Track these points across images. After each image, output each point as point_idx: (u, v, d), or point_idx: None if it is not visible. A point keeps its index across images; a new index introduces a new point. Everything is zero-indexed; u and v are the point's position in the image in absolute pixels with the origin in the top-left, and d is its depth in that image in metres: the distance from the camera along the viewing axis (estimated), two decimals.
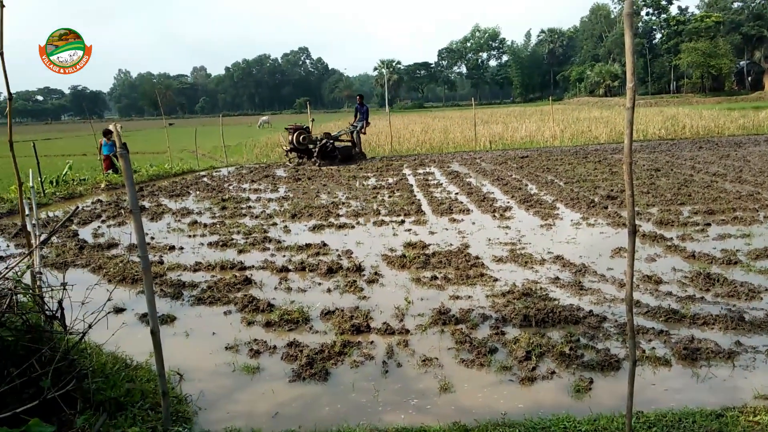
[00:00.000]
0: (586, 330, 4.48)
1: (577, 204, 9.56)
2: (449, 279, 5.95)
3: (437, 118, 44.60)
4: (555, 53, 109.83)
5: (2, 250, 8.03)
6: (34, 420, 2.38)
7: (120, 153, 2.60)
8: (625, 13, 2.24)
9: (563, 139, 23.37)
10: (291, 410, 3.53)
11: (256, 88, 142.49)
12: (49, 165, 17.62)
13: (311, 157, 18.10)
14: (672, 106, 48.58)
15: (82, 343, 3.38)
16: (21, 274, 3.35)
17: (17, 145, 4.23)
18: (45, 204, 12.15)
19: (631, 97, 2.27)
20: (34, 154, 13.69)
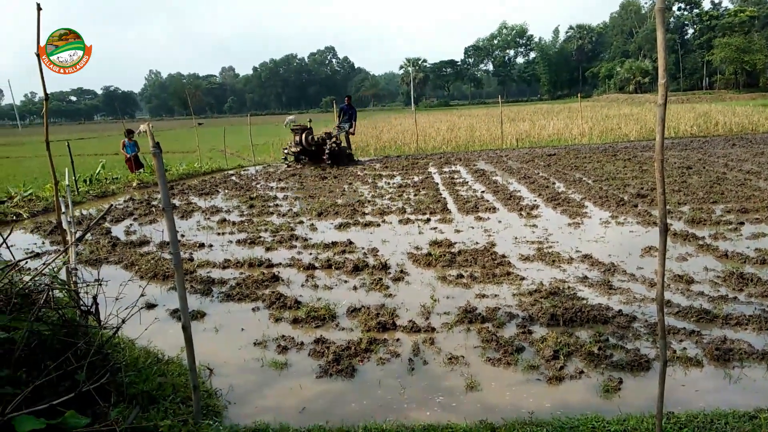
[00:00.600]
0: (615, 330, 4.43)
1: (606, 202, 9.43)
2: (475, 277, 5.93)
3: (463, 116, 44.35)
4: (584, 50, 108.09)
5: (38, 247, 8.26)
6: (70, 412, 2.44)
7: (153, 152, 2.66)
8: (657, 8, 2.21)
9: (592, 136, 23.02)
10: (318, 406, 3.57)
11: (283, 87, 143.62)
12: (83, 164, 18.06)
13: (313, 157, 17.38)
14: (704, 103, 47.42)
15: (115, 338, 3.47)
16: (57, 271, 3.45)
17: (52, 145, 4.35)
18: (79, 202, 12.47)
19: (663, 93, 2.23)
20: (69, 153, 14.04)
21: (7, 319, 2.88)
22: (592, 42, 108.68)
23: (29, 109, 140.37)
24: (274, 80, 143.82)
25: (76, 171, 14.45)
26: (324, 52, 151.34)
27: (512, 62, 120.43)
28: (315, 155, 17.25)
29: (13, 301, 3.00)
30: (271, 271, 6.42)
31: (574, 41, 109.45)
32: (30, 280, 3.27)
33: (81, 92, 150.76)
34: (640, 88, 78.21)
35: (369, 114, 75.14)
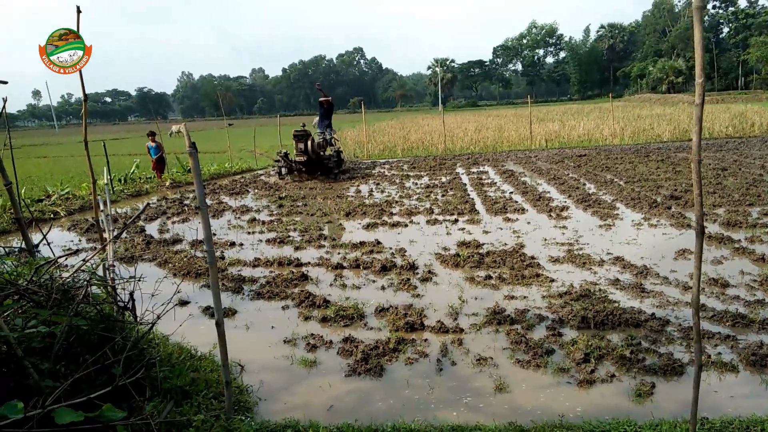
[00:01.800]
0: (647, 333, 4.35)
1: (639, 204, 9.27)
2: (504, 279, 5.90)
3: (491, 117, 44.05)
4: (615, 49, 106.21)
5: (75, 244, 8.49)
6: (107, 405, 2.50)
7: (189, 152, 2.72)
8: (694, 7, 2.17)
9: (623, 137, 22.63)
10: (346, 404, 3.59)
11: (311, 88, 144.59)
12: (117, 164, 18.49)
13: (313, 169, 14.84)
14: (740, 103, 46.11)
15: (150, 333, 3.56)
16: (95, 267, 3.55)
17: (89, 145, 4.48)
18: (114, 201, 12.79)
19: (700, 93, 2.20)
20: (105, 153, 14.40)
21: (48, 314, 2.97)
22: (623, 41, 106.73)
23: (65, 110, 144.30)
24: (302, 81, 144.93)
25: (111, 170, 14.81)
26: (352, 53, 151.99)
27: (541, 62, 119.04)
28: (316, 166, 14.83)
29: (53, 297, 3.09)
30: (300, 270, 6.49)
31: (606, 40, 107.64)
32: (69, 277, 3.37)
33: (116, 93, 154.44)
34: (673, 88, 76.49)
35: (396, 114, 75.16)
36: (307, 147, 14.15)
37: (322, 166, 14.80)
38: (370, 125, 30.65)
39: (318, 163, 14.68)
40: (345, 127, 37.05)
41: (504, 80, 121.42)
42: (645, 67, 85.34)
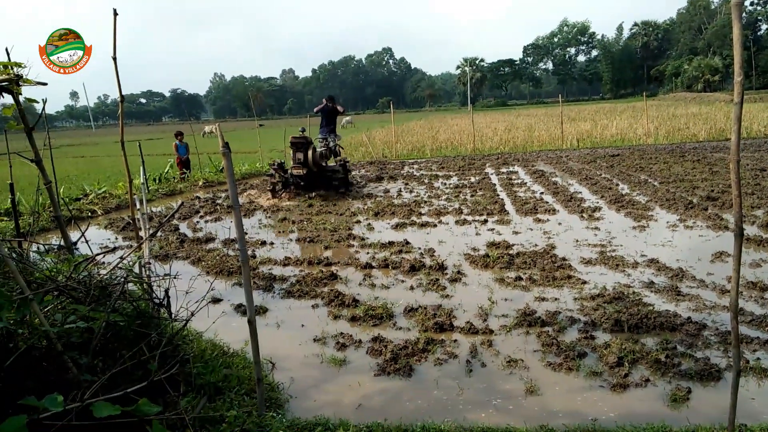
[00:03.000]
0: (683, 337, 4.26)
1: (674, 205, 9.06)
2: (534, 280, 5.83)
3: (521, 116, 43.61)
4: (649, 47, 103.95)
5: (112, 242, 8.71)
6: (143, 400, 2.55)
7: (222, 152, 2.76)
8: (733, 3, 2.12)
9: (658, 136, 22.14)
10: (375, 403, 3.61)
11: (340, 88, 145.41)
12: (152, 163, 18.87)
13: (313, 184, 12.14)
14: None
15: (184, 330, 3.62)
16: (132, 265, 3.63)
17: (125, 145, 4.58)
18: (149, 200, 13.06)
19: (740, 91, 2.14)
20: (140, 153, 14.73)
21: (86, 309, 3.05)
22: (658, 39, 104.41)
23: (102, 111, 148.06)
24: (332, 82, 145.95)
25: (146, 170, 15.13)
26: (381, 53, 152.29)
27: (573, 60, 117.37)
28: (317, 180, 12.22)
29: (92, 293, 3.17)
30: (330, 269, 6.53)
31: (639, 38, 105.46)
32: (107, 274, 3.46)
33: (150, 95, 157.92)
34: (709, 87, 74.48)
35: (425, 114, 75.00)
36: (307, 157, 11.59)
37: (325, 181, 12.30)
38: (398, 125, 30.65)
39: (320, 177, 12.22)
40: (373, 127, 37.14)
41: (534, 79, 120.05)
42: (680, 66, 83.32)
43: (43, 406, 2.12)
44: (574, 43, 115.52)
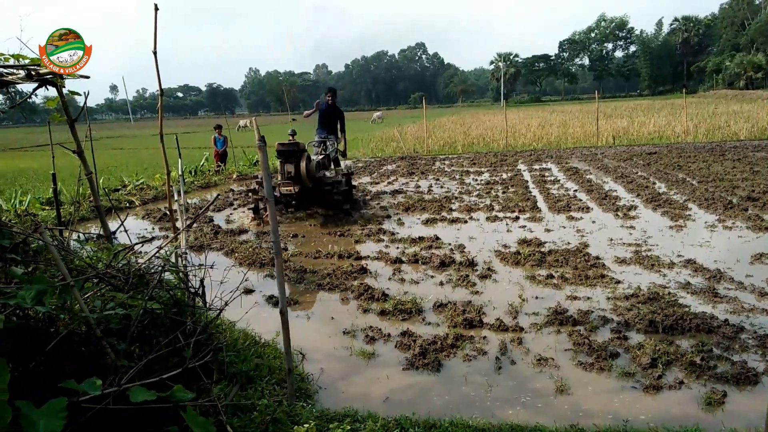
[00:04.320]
0: (720, 340, 4.15)
1: (712, 205, 8.82)
2: (566, 278, 5.76)
3: (555, 112, 42.91)
4: (689, 43, 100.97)
5: (149, 232, 8.92)
6: (178, 386, 2.62)
7: (258, 145, 2.80)
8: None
9: (697, 134, 21.54)
10: (403, 397, 3.62)
11: (373, 84, 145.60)
12: (188, 156, 19.24)
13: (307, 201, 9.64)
14: None
15: (218, 320, 3.70)
16: (169, 254, 3.72)
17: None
18: (185, 192, 13.31)
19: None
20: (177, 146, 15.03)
21: (124, 297, 3.13)
22: (699, 35, 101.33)
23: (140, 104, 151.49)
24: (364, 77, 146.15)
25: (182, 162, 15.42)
26: (414, 48, 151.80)
27: (610, 56, 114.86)
28: (313, 198, 9.63)
29: (130, 281, 3.26)
30: (360, 263, 6.56)
31: (679, 34, 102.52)
32: (145, 263, 3.54)
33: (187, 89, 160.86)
34: (751, 84, 72.03)
35: (457, 110, 74.50)
36: (300, 170, 8.83)
37: (324, 196, 9.51)
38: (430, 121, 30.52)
39: (317, 194, 9.51)
40: (405, 123, 37.06)
41: (570, 75, 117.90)
42: (721, 62, 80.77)
43: (82, 389, 2.19)
44: (612, 38, 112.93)
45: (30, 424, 1.83)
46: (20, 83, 3.28)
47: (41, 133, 50.53)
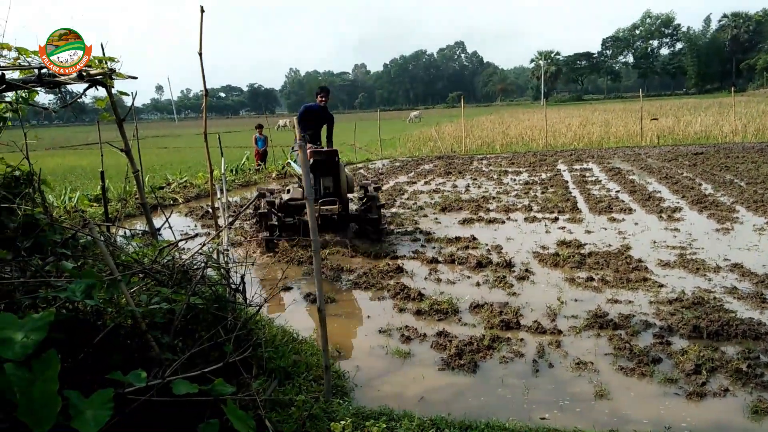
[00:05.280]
0: (767, 347, 4.00)
1: (761, 207, 8.49)
2: (607, 281, 5.64)
3: (597, 111, 41.99)
4: (739, 39, 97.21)
5: (191, 229, 9.15)
6: (219, 380, 2.68)
7: (300, 144, 2.85)
8: None
9: (746, 134, 20.77)
10: (439, 397, 3.62)
11: (411, 83, 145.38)
12: (229, 155, 19.55)
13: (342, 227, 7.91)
14: None
15: (258, 315, 3.77)
16: (211, 251, 3.81)
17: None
18: (227, 190, 13.60)
19: None
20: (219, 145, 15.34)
21: (169, 292, 3.23)
22: (749, 31, 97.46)
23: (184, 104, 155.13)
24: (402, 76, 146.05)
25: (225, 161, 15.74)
26: (453, 47, 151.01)
27: (656, 54, 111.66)
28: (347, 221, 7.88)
29: (174, 277, 3.36)
30: (396, 262, 6.57)
31: (728, 30, 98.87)
32: (188, 259, 3.64)
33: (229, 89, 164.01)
34: None
35: (496, 109, 73.70)
36: (341, 186, 7.39)
37: (359, 222, 7.77)
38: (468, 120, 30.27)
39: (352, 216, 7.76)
40: (443, 122, 36.86)
41: (613, 73, 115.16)
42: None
43: (128, 381, 2.26)
44: (657, 35, 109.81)
45: (78, 413, 1.91)
46: (71, 83, 3.40)
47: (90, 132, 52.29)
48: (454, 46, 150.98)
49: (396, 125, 42.40)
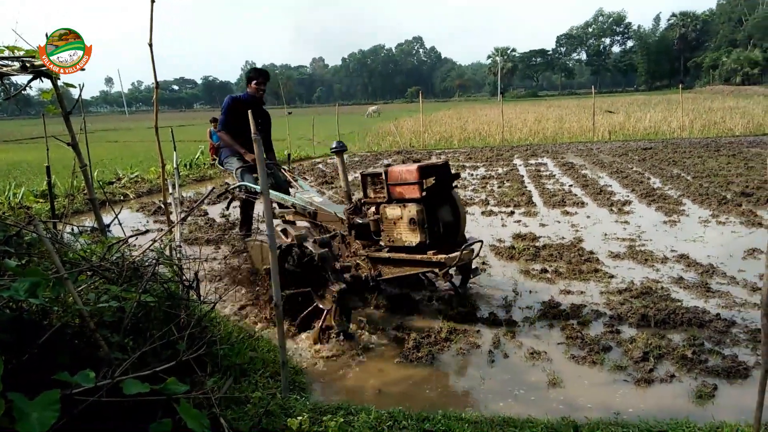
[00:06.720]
0: (711, 334, 4.18)
1: (707, 200, 8.86)
2: (560, 273, 5.78)
3: (552, 107, 42.93)
4: (687, 38, 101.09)
5: (143, 225, 8.90)
6: (171, 379, 2.62)
7: (254, 138, 2.80)
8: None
9: (692, 130, 21.61)
10: (396, 389, 3.64)
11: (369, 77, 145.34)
12: (183, 149, 19.18)
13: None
14: None
15: (212, 313, 3.70)
16: (163, 247, 3.72)
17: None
18: (180, 185, 13.28)
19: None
20: (172, 139, 14.98)
21: (118, 290, 3.13)
22: (696, 30, 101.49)
23: (135, 97, 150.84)
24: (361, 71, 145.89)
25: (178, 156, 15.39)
26: (411, 42, 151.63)
27: (607, 51, 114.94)
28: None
29: (124, 274, 3.26)
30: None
31: (677, 29, 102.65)
32: (139, 255, 3.54)
33: (183, 82, 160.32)
34: (747, 80, 72.22)
35: (454, 104, 74.46)
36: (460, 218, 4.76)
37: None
38: (427, 115, 30.48)
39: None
40: (402, 117, 37.03)
41: (567, 70, 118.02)
42: (718, 58, 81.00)
43: (75, 381, 2.19)
44: (609, 33, 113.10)
45: (23, 416, 1.84)
46: (15, 75, 3.26)
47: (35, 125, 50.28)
48: (413, 41, 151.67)
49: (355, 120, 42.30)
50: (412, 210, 4.11)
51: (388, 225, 4.32)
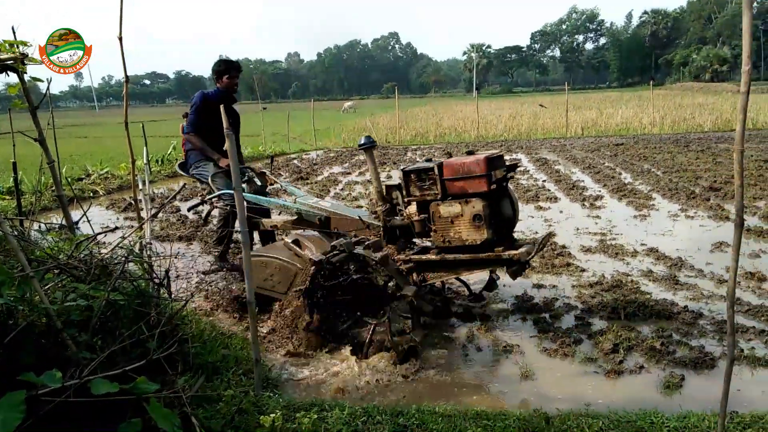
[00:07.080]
0: (679, 326, 4.28)
1: (676, 195, 9.05)
2: (533, 267, 5.84)
3: (526, 104, 43.34)
4: (658, 35, 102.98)
5: (113, 222, 8.75)
6: (141, 378, 2.59)
7: (227, 133, 2.77)
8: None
9: (663, 126, 22.04)
10: (370, 386, 3.64)
11: (345, 73, 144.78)
12: (155, 145, 18.84)
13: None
14: None
15: (184, 310, 3.66)
16: (133, 245, 3.65)
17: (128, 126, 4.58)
18: (151, 181, 13.07)
19: (747, 81, 2.13)
20: (143, 134, 14.73)
21: (86, 288, 3.07)
22: (667, 28, 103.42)
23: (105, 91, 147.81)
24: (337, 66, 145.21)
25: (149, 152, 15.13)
26: (387, 38, 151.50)
27: (581, 48, 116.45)
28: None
29: (92, 272, 3.20)
30: None
31: (648, 27, 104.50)
32: (108, 253, 3.48)
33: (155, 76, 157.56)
34: (716, 77, 73.89)
35: (430, 100, 74.64)
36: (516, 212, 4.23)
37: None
38: (403, 111, 30.50)
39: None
40: (377, 113, 36.99)
41: (541, 66, 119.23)
42: (688, 55, 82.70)
43: (41, 382, 2.14)
44: (583, 30, 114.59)
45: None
46: None
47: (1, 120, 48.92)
48: (389, 36, 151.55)
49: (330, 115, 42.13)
50: (477, 205, 3.72)
51: (443, 224, 3.87)
